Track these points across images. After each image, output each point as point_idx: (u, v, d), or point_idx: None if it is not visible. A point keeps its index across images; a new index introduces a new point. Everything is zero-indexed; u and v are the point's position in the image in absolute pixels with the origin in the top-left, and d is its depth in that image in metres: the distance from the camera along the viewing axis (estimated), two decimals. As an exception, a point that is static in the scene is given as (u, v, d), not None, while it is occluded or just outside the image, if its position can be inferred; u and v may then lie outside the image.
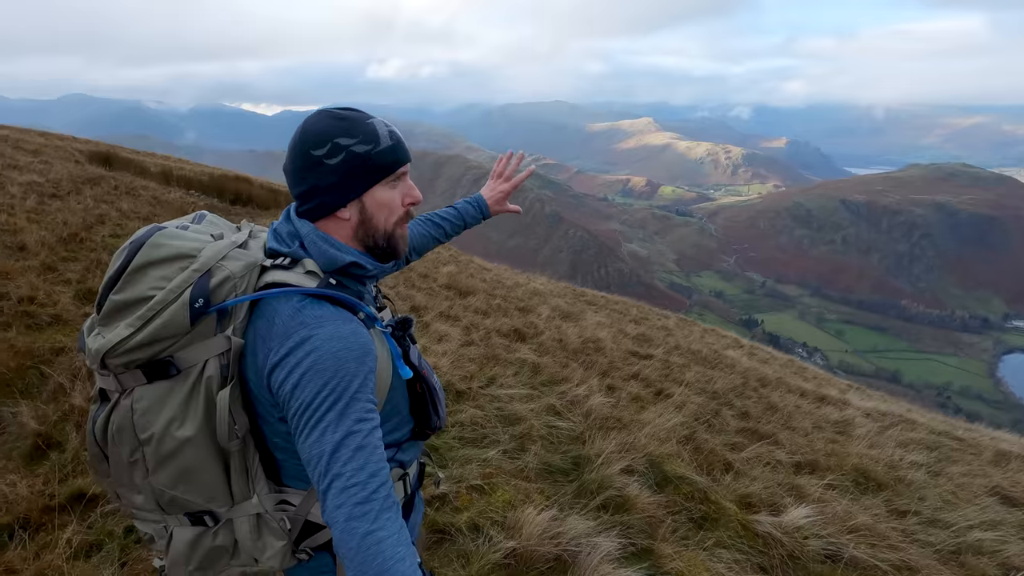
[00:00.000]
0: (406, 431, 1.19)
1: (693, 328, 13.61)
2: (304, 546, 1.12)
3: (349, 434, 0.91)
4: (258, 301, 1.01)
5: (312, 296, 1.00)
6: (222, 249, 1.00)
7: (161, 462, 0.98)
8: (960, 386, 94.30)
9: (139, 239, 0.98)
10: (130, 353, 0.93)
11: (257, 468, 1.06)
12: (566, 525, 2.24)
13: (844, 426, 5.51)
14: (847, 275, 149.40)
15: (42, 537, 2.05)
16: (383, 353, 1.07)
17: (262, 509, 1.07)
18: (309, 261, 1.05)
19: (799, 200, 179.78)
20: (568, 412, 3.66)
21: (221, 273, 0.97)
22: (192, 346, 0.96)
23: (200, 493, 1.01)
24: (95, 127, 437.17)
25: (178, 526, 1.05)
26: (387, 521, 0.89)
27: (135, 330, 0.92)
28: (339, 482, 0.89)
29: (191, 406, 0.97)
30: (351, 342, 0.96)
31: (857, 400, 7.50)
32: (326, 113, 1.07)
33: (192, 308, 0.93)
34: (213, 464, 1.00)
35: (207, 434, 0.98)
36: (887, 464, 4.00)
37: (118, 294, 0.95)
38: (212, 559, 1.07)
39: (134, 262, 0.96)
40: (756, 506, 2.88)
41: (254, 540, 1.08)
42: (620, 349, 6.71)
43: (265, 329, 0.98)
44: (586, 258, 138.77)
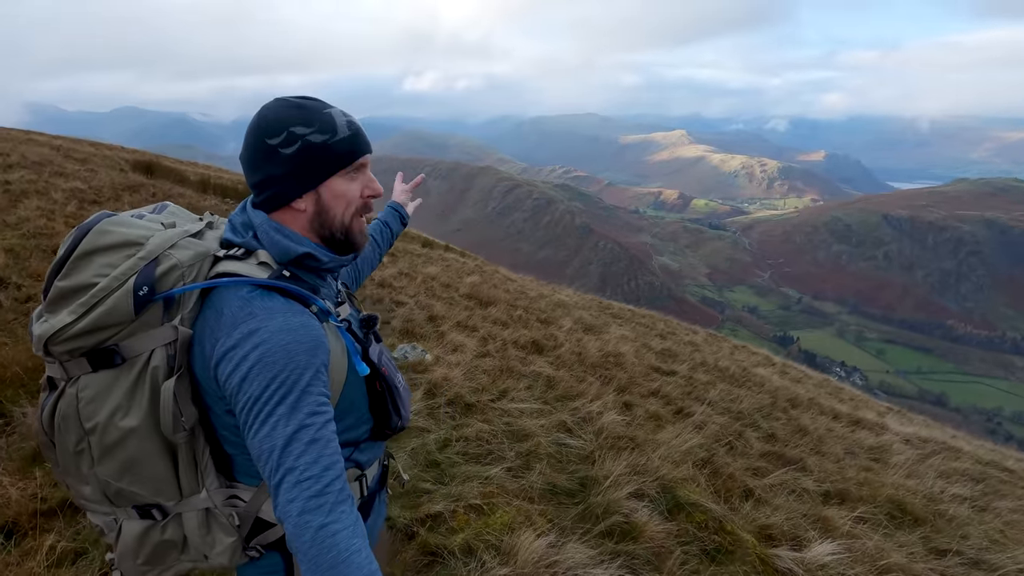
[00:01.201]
0: (364, 430, 1.16)
1: (723, 344, 13.22)
2: (255, 543, 1.09)
3: (301, 427, 0.89)
4: (209, 292, 0.99)
5: (263, 287, 0.98)
6: (171, 237, 0.98)
7: (106, 452, 0.96)
8: (1012, 411, 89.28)
9: (86, 225, 0.96)
10: (73, 340, 0.91)
11: (207, 462, 1.04)
12: (564, 553, 2.10)
13: (880, 452, 5.18)
14: (889, 292, 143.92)
15: (28, 543, 2.02)
16: (337, 348, 1.04)
17: (211, 504, 1.05)
18: (263, 252, 1.03)
19: (838, 215, 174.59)
20: (579, 429, 3.51)
21: (168, 261, 0.95)
22: (137, 335, 0.94)
23: (146, 486, 0.99)
24: (144, 138, 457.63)
25: (127, 519, 1.04)
26: (341, 514, 0.87)
27: (77, 317, 0.90)
28: (292, 476, 0.87)
29: (136, 396, 0.95)
30: (301, 334, 0.94)
31: (896, 425, 7.08)
32: (283, 101, 1.04)
33: (136, 296, 0.91)
34: (159, 456, 0.98)
35: (152, 425, 0.96)
36: (926, 496, 3.70)
37: (63, 280, 0.93)
38: (161, 553, 1.06)
39: (79, 248, 0.94)
40: (777, 539, 2.67)
41: (203, 536, 1.06)
42: (642, 364, 6.50)
43: (214, 320, 0.96)
44: (616, 271, 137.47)
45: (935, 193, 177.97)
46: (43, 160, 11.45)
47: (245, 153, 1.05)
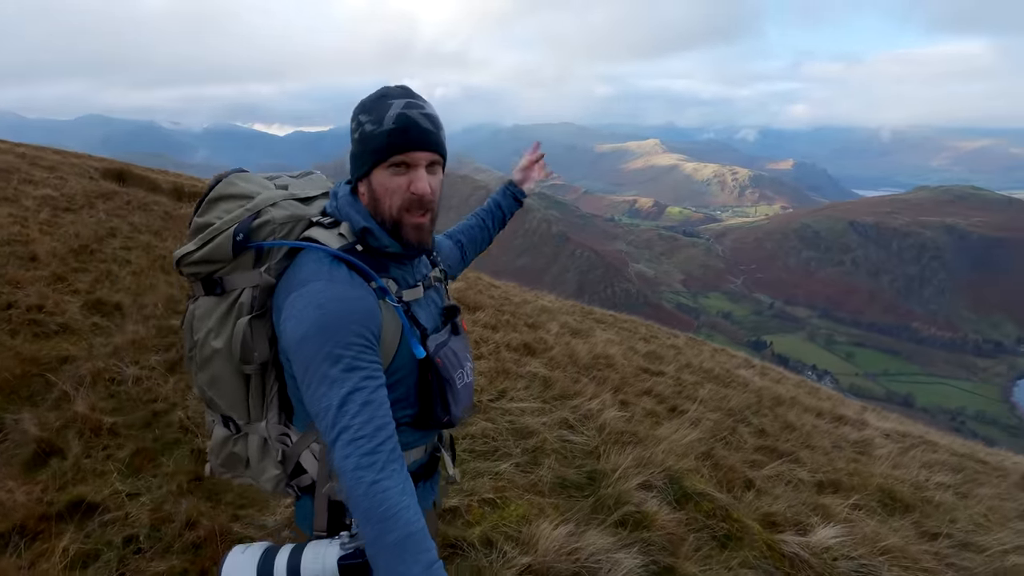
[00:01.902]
0: (406, 414, 1.18)
1: (703, 348, 13.43)
2: (293, 483, 1.20)
3: (356, 389, 0.95)
4: (296, 251, 1.09)
5: (334, 257, 1.06)
6: (274, 197, 1.12)
7: (202, 363, 1.13)
8: (975, 411, 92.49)
9: (221, 176, 1.17)
10: (193, 266, 1.09)
11: (273, 397, 1.17)
12: (584, 540, 2.13)
13: (864, 446, 5.34)
14: (857, 297, 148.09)
15: (38, 546, 1.97)
16: (391, 325, 1.09)
17: (268, 435, 1.18)
18: (346, 225, 1.12)
19: (807, 221, 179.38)
20: (581, 426, 3.55)
21: (265, 216, 1.08)
22: (235, 273, 1.09)
23: (224, 400, 1.15)
24: (110, 146, 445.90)
25: (216, 423, 1.23)
26: (392, 472, 0.93)
27: (196, 248, 1.08)
28: (347, 434, 0.93)
29: (225, 323, 1.10)
30: (355, 305, 1.02)
31: (875, 421, 7.30)
32: (381, 89, 1.14)
33: (234, 240, 1.05)
34: (235, 379, 1.13)
35: (232, 351, 1.10)
36: (913, 485, 3.85)
37: (198, 217, 1.12)
38: (231, 461, 1.23)
39: (212, 193, 1.14)
40: (781, 525, 2.75)
41: (258, 460, 1.20)
42: (631, 365, 6.59)
43: (290, 277, 1.07)
44: (593, 278, 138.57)
45: (898, 200, 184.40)
46: (10, 167, 11.08)
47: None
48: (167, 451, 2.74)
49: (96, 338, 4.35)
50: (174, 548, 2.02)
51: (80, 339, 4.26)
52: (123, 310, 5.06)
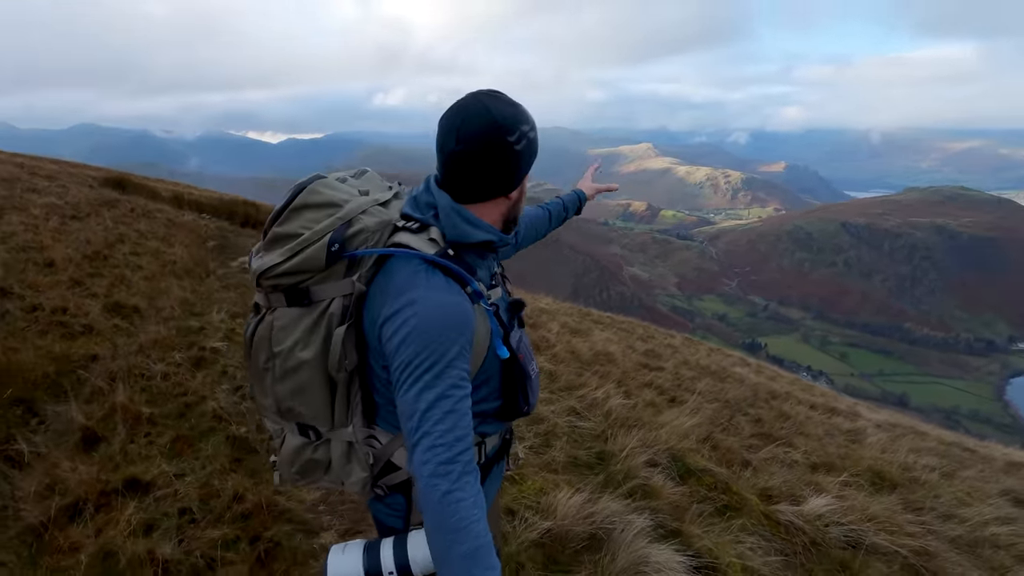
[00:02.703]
0: (493, 406, 1.25)
1: (699, 347, 13.66)
2: (382, 482, 1.23)
3: (442, 397, 0.99)
4: (386, 257, 1.12)
5: (428, 263, 1.09)
6: (364, 204, 1.13)
7: (284, 375, 1.12)
8: (968, 409, 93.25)
9: (302, 184, 1.12)
10: (278, 278, 1.07)
11: (357, 403, 1.18)
12: (599, 506, 2.34)
13: (856, 434, 5.57)
14: (850, 298, 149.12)
15: (102, 516, 2.16)
16: (483, 329, 1.13)
17: (354, 438, 1.20)
18: (435, 230, 1.14)
19: (799, 223, 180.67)
20: (588, 414, 3.76)
21: (358, 224, 1.09)
22: (325, 283, 1.09)
23: (308, 409, 1.15)
24: (104, 155, 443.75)
25: (290, 432, 1.21)
26: (466, 484, 0.96)
27: (284, 259, 1.06)
28: (428, 440, 0.97)
29: (314, 334, 1.09)
30: (454, 311, 1.05)
31: (867, 413, 7.55)
32: (502, 98, 1.13)
33: (329, 250, 1.05)
34: (322, 388, 1.13)
35: (321, 360, 1.11)
36: (901, 466, 4.07)
37: (279, 227, 1.09)
38: (309, 468, 1.22)
39: (295, 202, 1.10)
40: (776, 498, 2.96)
41: (343, 464, 1.21)
42: (631, 361, 6.81)
43: (384, 284, 1.09)
44: (587, 282, 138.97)
45: (889, 201, 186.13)
46: (12, 177, 11.22)
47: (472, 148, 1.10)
48: (204, 438, 2.93)
49: (119, 338, 4.53)
50: (225, 518, 2.21)
51: (104, 339, 4.44)
52: (141, 312, 5.24)
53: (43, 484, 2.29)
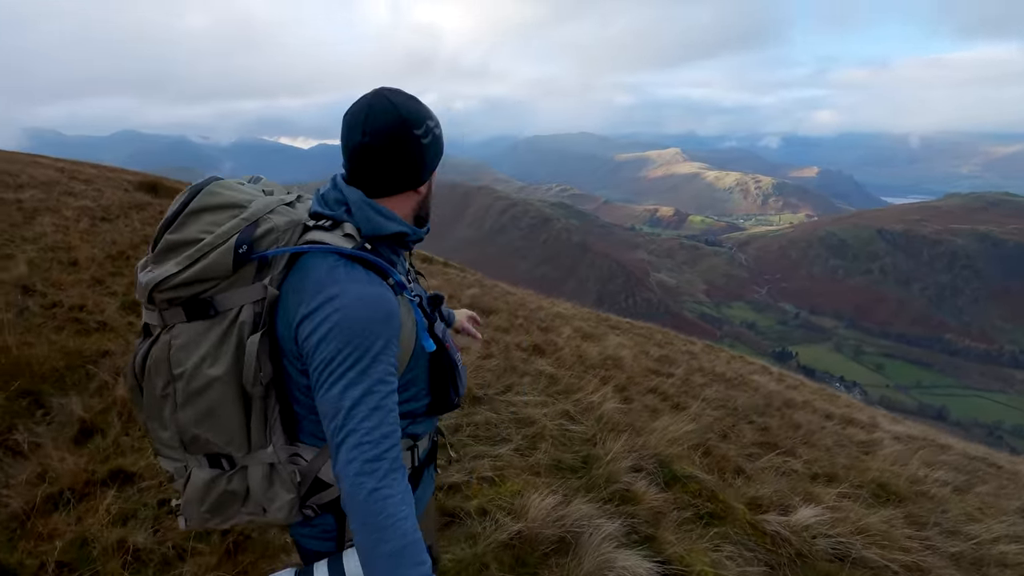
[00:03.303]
0: (422, 404, 1.22)
1: (719, 354, 13.41)
2: (311, 502, 1.15)
3: (368, 393, 0.95)
4: (297, 257, 1.06)
5: (347, 257, 1.04)
6: (271, 203, 1.07)
7: (189, 398, 1.02)
8: (1012, 425, 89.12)
9: (198, 186, 1.05)
10: (175, 290, 0.98)
11: (276, 419, 1.10)
12: (570, 508, 2.32)
13: (870, 446, 5.38)
14: (885, 307, 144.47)
15: (84, 505, 2.23)
16: (408, 321, 1.10)
17: (276, 459, 1.11)
18: (349, 225, 1.10)
19: (832, 230, 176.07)
20: (581, 417, 3.73)
21: (266, 224, 1.03)
22: (231, 290, 1.01)
23: (220, 434, 1.05)
24: (143, 161, 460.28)
25: (196, 467, 1.09)
26: (394, 481, 0.94)
27: (182, 268, 0.97)
28: (353, 438, 0.93)
29: (224, 347, 1.01)
30: (378, 304, 1.01)
31: (887, 425, 7.29)
32: (405, 95, 1.11)
33: (236, 253, 0.98)
34: (235, 407, 1.04)
35: (234, 376, 1.02)
36: (909, 479, 3.92)
37: (172, 234, 1.01)
38: (224, 503, 1.11)
39: (191, 206, 1.02)
40: (766, 507, 2.88)
41: (265, 489, 1.11)
42: (640, 367, 6.72)
43: (299, 283, 1.03)
44: (613, 288, 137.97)
45: (928, 208, 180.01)
46: (50, 180, 11.75)
47: (379, 142, 1.07)
48: (196, 432, 3.00)
49: (132, 335, 4.68)
50: (202, 511, 2.26)
51: (118, 336, 4.59)
52: (156, 310, 5.41)
53: (34, 473, 2.38)
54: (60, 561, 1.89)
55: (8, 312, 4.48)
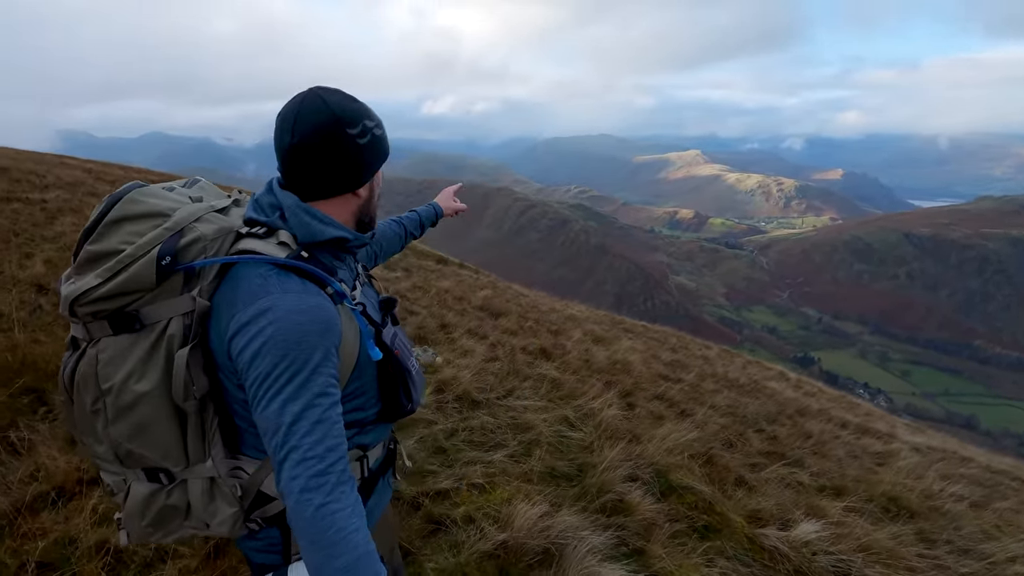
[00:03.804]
0: (372, 412, 1.19)
1: (735, 359, 13.19)
2: (255, 516, 1.12)
3: (308, 407, 0.92)
4: (229, 267, 1.02)
5: (280, 267, 1.00)
6: (197, 211, 1.02)
7: (119, 414, 0.98)
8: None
9: (117, 194, 1.00)
10: (97, 303, 0.94)
11: (215, 432, 1.06)
12: (556, 519, 2.26)
13: (886, 457, 5.21)
14: (913, 312, 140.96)
15: (74, 504, 2.24)
16: (350, 331, 1.06)
17: (216, 473, 1.07)
18: (284, 232, 1.05)
19: (857, 233, 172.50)
20: (581, 424, 3.67)
21: (192, 234, 0.99)
22: (157, 303, 0.97)
23: (155, 449, 1.01)
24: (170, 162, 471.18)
25: (135, 480, 1.06)
26: (342, 495, 0.91)
27: (103, 281, 0.93)
28: (296, 454, 0.90)
29: (151, 361, 0.97)
30: (314, 315, 0.97)
31: (906, 435, 7.06)
32: (341, 93, 1.07)
33: (159, 265, 0.94)
34: (169, 422, 1.01)
35: (164, 391, 0.98)
36: (923, 493, 3.77)
37: (92, 245, 0.96)
38: (165, 517, 1.08)
39: (109, 215, 0.97)
40: (766, 520, 2.79)
41: (206, 504, 1.08)
42: (649, 372, 6.62)
43: (230, 295, 0.99)
44: (631, 290, 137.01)
45: (957, 211, 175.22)
46: (76, 181, 12.05)
47: (310, 141, 1.04)
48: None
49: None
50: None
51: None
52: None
53: (28, 471, 2.40)
54: (41, 561, 1.90)
55: (22, 310, 4.58)
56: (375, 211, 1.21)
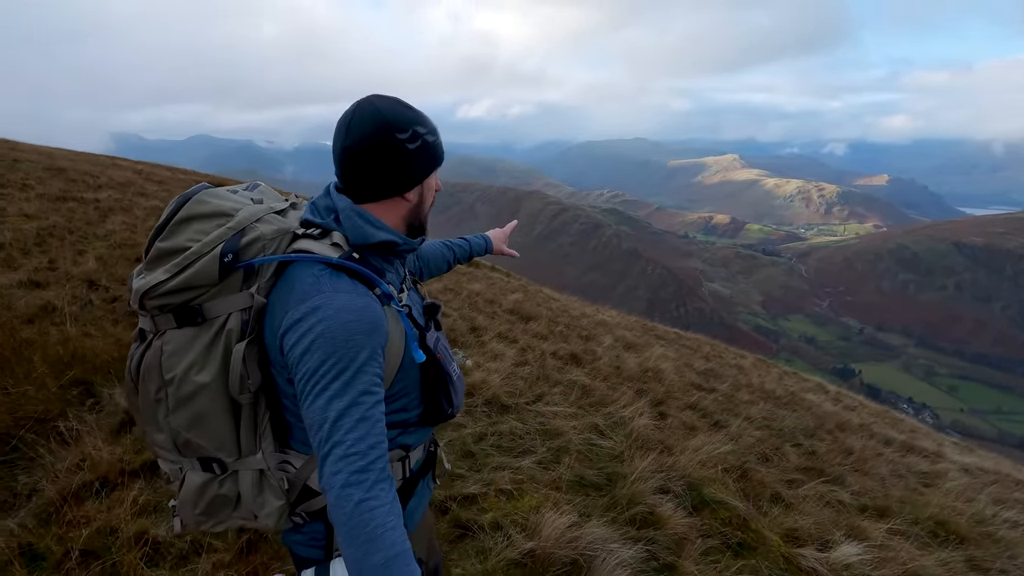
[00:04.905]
0: (414, 414, 1.21)
1: (771, 369, 12.83)
2: (300, 509, 1.16)
3: (353, 404, 0.95)
4: (285, 266, 1.06)
5: (332, 267, 1.04)
6: (258, 212, 1.08)
7: (179, 403, 1.04)
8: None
9: (187, 195, 1.07)
10: (164, 297, 1.00)
11: (266, 426, 1.11)
12: (584, 530, 2.22)
13: (932, 478, 4.97)
14: (961, 325, 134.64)
15: (116, 495, 2.32)
16: (396, 332, 1.09)
17: (265, 466, 1.12)
18: (337, 234, 1.10)
19: (903, 242, 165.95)
20: (611, 432, 3.61)
21: (252, 233, 1.04)
22: (219, 298, 1.02)
23: (211, 439, 1.07)
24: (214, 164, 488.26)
25: (191, 469, 1.12)
26: (381, 491, 0.93)
27: (170, 276, 0.99)
28: (339, 450, 0.93)
29: (211, 354, 1.02)
30: (362, 315, 1.00)
31: (955, 455, 6.73)
32: (395, 100, 1.11)
33: (221, 262, 0.99)
34: (224, 413, 1.06)
35: (222, 383, 1.04)
36: (974, 518, 3.57)
37: (163, 241, 1.03)
38: (216, 507, 1.12)
39: (179, 215, 1.04)
40: (803, 540, 2.68)
41: (255, 495, 1.12)
42: (682, 381, 6.48)
43: (285, 293, 1.03)
44: (664, 296, 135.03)
45: (1013, 219, 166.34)
46: (127, 182, 12.60)
47: (362, 144, 1.08)
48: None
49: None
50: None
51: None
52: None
53: (75, 461, 2.50)
54: (84, 549, 1.97)
55: (74, 305, 4.79)
56: (426, 217, 1.22)
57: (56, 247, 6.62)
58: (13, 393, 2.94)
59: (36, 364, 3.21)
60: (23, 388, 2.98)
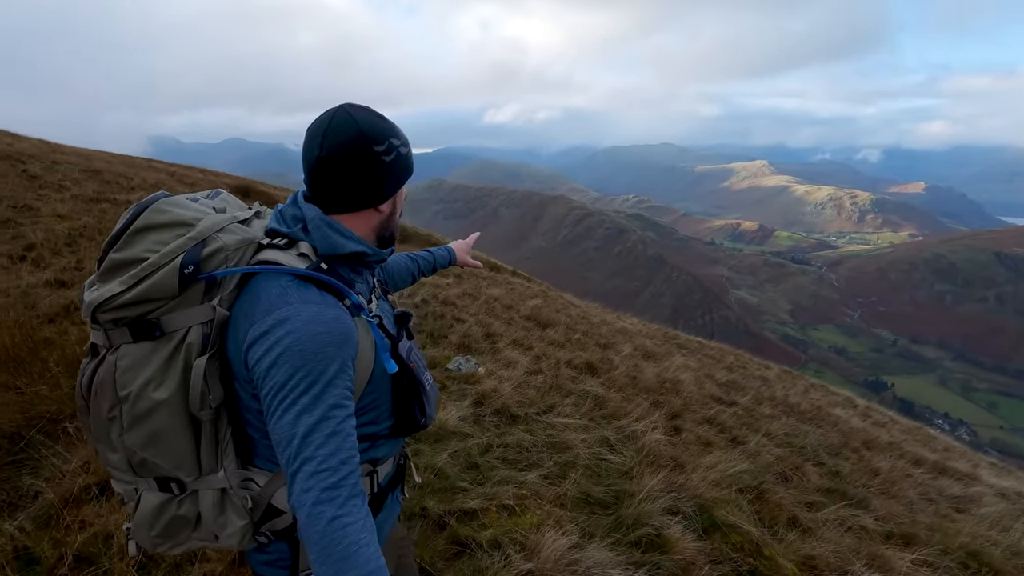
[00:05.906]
0: (385, 426, 1.18)
1: (797, 382, 12.46)
2: (264, 529, 1.11)
3: (323, 419, 0.92)
4: (249, 277, 1.03)
5: (300, 278, 1.01)
6: (220, 221, 1.03)
7: (135, 421, 0.98)
8: None
9: (144, 203, 1.02)
10: (119, 310, 0.95)
11: (228, 443, 1.06)
12: (585, 552, 2.13)
13: (966, 502, 4.71)
14: (1003, 339, 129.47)
15: (115, 499, 2.32)
16: (366, 343, 1.06)
17: (227, 484, 1.07)
18: (304, 244, 1.06)
19: (941, 251, 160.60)
20: (622, 446, 3.50)
21: (215, 243, 1.00)
22: (178, 311, 0.98)
23: (168, 458, 1.02)
24: (245, 166, 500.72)
25: (147, 490, 1.06)
26: (353, 508, 0.90)
27: (126, 288, 0.95)
28: (309, 466, 0.90)
29: (170, 370, 0.98)
30: (332, 327, 0.97)
31: (990, 478, 6.39)
32: (370, 111, 1.09)
33: (181, 273, 0.95)
34: (184, 431, 1.01)
35: (181, 399, 0.99)
36: (1009, 549, 3.35)
37: (117, 252, 0.98)
38: (174, 528, 1.08)
39: (135, 224, 0.99)
40: (821, 569, 2.54)
41: (216, 515, 1.08)
42: (700, 393, 6.31)
43: (250, 305, 0.99)
44: (689, 303, 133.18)
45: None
46: (158, 183, 12.95)
47: (338, 155, 1.04)
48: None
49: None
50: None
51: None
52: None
53: (80, 463, 2.52)
54: (78, 554, 1.97)
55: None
56: (396, 228, 1.21)
57: (85, 247, 6.79)
58: (27, 392, 2.99)
59: (51, 364, 3.26)
60: (37, 387, 3.03)
